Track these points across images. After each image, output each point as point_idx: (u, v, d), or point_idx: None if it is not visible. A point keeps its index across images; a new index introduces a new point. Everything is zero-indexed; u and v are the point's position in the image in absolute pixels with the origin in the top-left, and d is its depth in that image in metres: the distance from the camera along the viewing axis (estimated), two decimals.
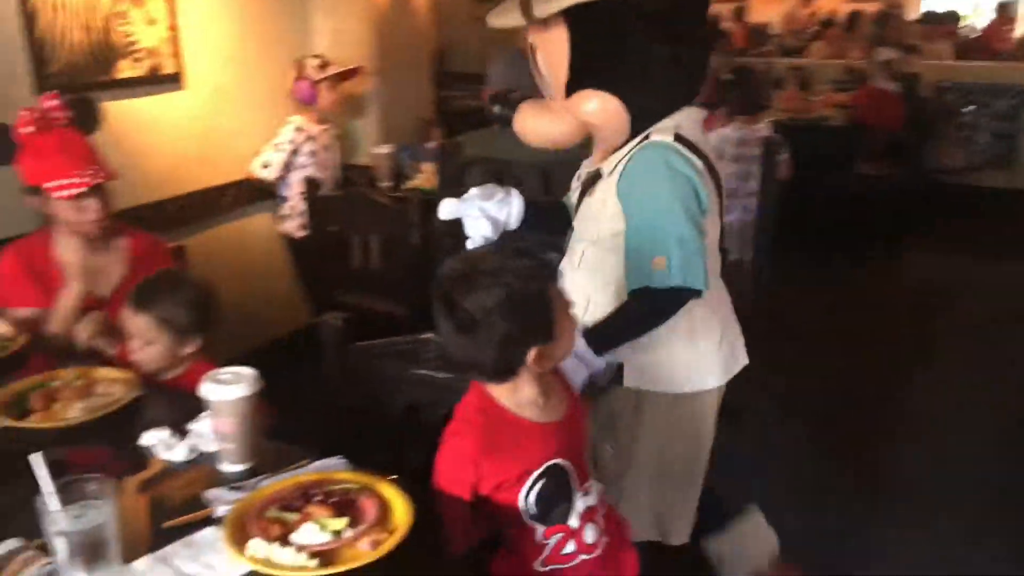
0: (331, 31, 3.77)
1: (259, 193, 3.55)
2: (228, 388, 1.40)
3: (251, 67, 3.47)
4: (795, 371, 3.70)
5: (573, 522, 1.38)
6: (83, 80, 2.76)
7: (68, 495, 1.12)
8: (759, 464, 2.90)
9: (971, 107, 6.76)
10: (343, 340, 1.85)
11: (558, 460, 1.35)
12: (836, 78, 6.91)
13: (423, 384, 1.79)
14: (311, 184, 3.33)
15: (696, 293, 1.69)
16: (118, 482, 1.29)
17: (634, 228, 1.71)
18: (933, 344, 4.15)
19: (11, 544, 1.19)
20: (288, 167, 3.46)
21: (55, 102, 2.03)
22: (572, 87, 1.74)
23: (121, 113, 2.92)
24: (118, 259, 2.18)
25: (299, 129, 3.47)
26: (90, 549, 1.10)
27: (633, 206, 1.72)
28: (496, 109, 2.31)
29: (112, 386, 1.69)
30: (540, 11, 1.66)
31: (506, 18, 1.70)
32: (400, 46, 3.92)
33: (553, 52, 1.73)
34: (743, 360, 1.90)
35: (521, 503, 1.32)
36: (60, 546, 1.10)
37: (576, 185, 1.91)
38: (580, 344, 1.65)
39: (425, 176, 3.66)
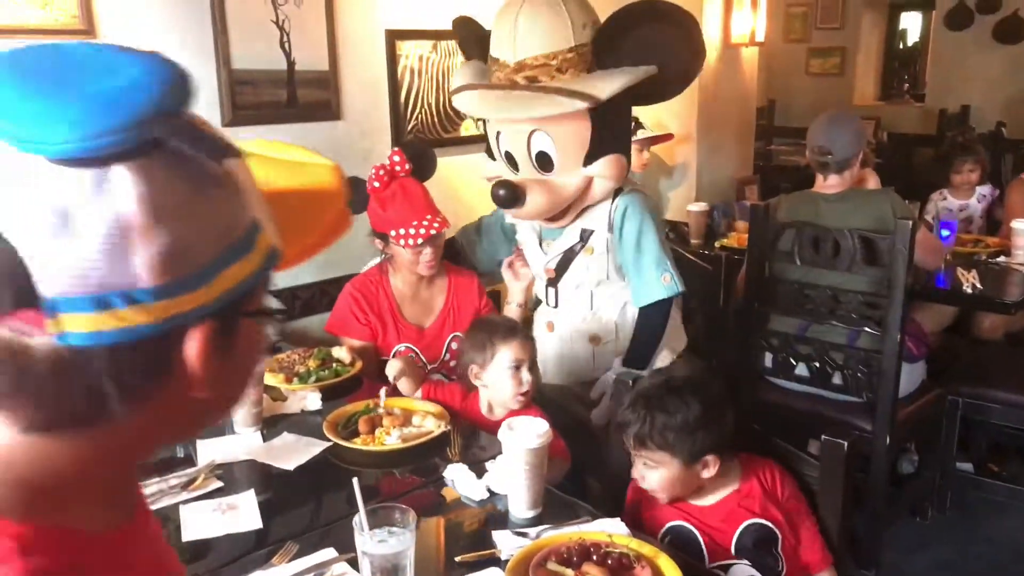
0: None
1: None
2: (521, 437, 1.48)
3: None
4: None
5: None
6: (430, 137, 3.08)
7: (377, 519, 1.25)
8: None
9: None
10: None
11: None
12: None
13: None
14: None
15: (681, 294, 2.35)
16: (420, 511, 1.42)
17: (642, 257, 2.30)
18: None
19: (328, 554, 1.35)
20: None
21: (399, 157, 2.31)
22: (592, 157, 2.20)
23: (458, 166, 3.22)
24: (440, 292, 2.43)
25: None
26: (390, 572, 1.22)
27: (639, 241, 2.29)
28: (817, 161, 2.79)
29: (426, 419, 1.85)
30: (602, 91, 2.09)
31: (534, 109, 2.13)
32: (724, 105, 3.93)
33: (573, 132, 2.18)
34: None
35: None
36: (364, 565, 1.23)
37: (549, 250, 2.39)
38: (618, 367, 2.30)
39: (737, 236, 3.61)
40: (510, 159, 2.28)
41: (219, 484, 1.64)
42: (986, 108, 6.52)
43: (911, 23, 8.75)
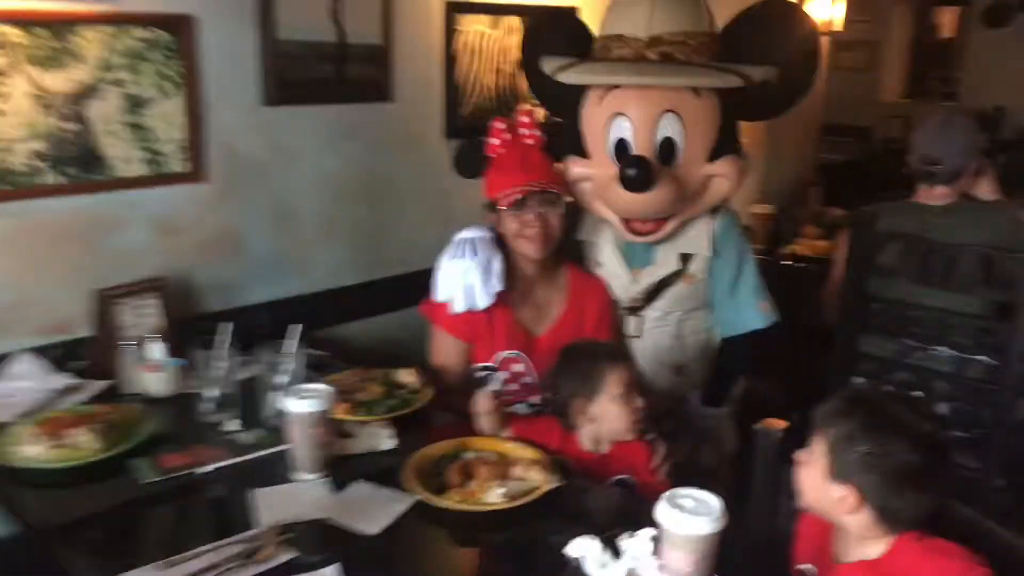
0: None
1: None
2: (692, 520, 1.17)
3: None
4: None
5: None
6: (487, 121, 2.75)
7: None
8: None
9: None
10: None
11: None
12: None
13: None
14: None
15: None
16: None
17: (741, 283, 2.09)
18: None
19: None
20: None
21: (527, 118, 1.98)
22: (717, 153, 1.97)
23: None
24: (560, 295, 2.06)
25: None
26: None
27: (740, 265, 2.09)
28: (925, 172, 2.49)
29: (530, 470, 1.54)
30: (753, 72, 1.89)
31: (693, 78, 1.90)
32: None
33: (705, 119, 1.94)
34: None
35: None
36: None
37: (640, 279, 2.07)
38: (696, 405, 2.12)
39: (808, 242, 3.32)
40: (622, 150, 1.95)
41: (293, 553, 1.33)
42: (1021, 110, 6.28)
43: (944, 18, 8.48)
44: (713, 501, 1.21)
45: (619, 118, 1.94)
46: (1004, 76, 6.54)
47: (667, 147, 1.94)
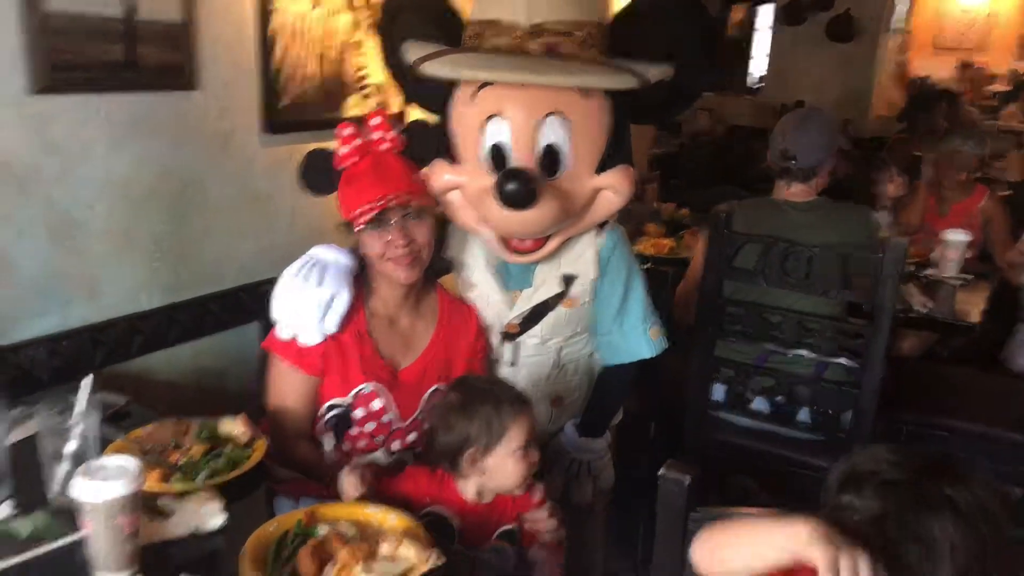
0: None
1: None
2: None
3: None
4: None
5: None
6: (311, 116, 2.42)
7: None
8: None
9: None
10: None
11: None
12: None
13: None
14: None
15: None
16: None
17: (629, 306, 1.88)
18: None
19: None
20: None
21: (380, 119, 1.66)
22: (606, 163, 1.72)
23: None
24: (428, 325, 1.78)
25: None
26: None
27: (628, 287, 1.87)
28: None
29: (401, 545, 1.26)
30: (646, 72, 1.63)
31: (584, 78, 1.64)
32: None
33: (593, 125, 1.68)
34: None
35: None
36: None
37: (517, 304, 1.83)
38: (573, 437, 1.90)
39: (651, 240, 3.21)
40: (498, 157, 1.67)
41: None
42: (819, 104, 6.62)
43: (741, 15, 8.85)
44: None
45: (495, 120, 1.65)
46: (801, 70, 6.88)
47: (550, 155, 1.66)
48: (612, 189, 1.74)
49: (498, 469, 1.49)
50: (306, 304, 1.60)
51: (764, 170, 2.72)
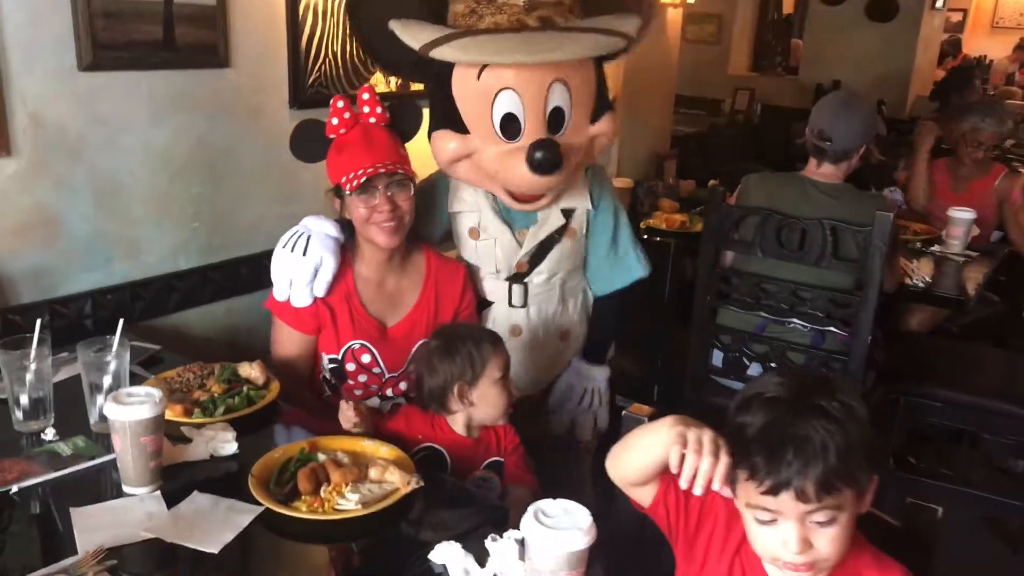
0: None
1: None
2: (558, 537, 1.09)
3: None
4: None
5: None
6: (336, 92, 2.58)
7: None
8: None
9: None
10: None
11: None
12: None
13: None
14: None
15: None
16: None
17: (621, 235, 2.10)
18: None
19: None
20: None
21: (368, 95, 1.84)
22: (596, 113, 1.94)
23: None
24: (414, 285, 1.95)
25: None
26: None
27: (617, 216, 2.10)
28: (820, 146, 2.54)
29: (387, 470, 1.43)
30: (630, 29, 1.87)
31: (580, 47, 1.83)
32: (649, 72, 3.61)
33: (587, 84, 1.89)
34: None
35: None
36: None
37: (526, 240, 2.01)
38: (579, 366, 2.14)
39: (664, 215, 3.33)
40: (509, 124, 1.84)
41: None
42: (857, 85, 6.60)
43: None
44: (581, 515, 1.13)
45: (505, 92, 1.81)
46: (840, 51, 6.85)
47: (556, 116, 1.86)
48: (604, 135, 1.97)
49: (484, 399, 1.68)
50: (295, 272, 1.78)
51: (797, 149, 2.80)
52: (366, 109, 1.82)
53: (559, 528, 1.09)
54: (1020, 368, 2.93)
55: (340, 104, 1.81)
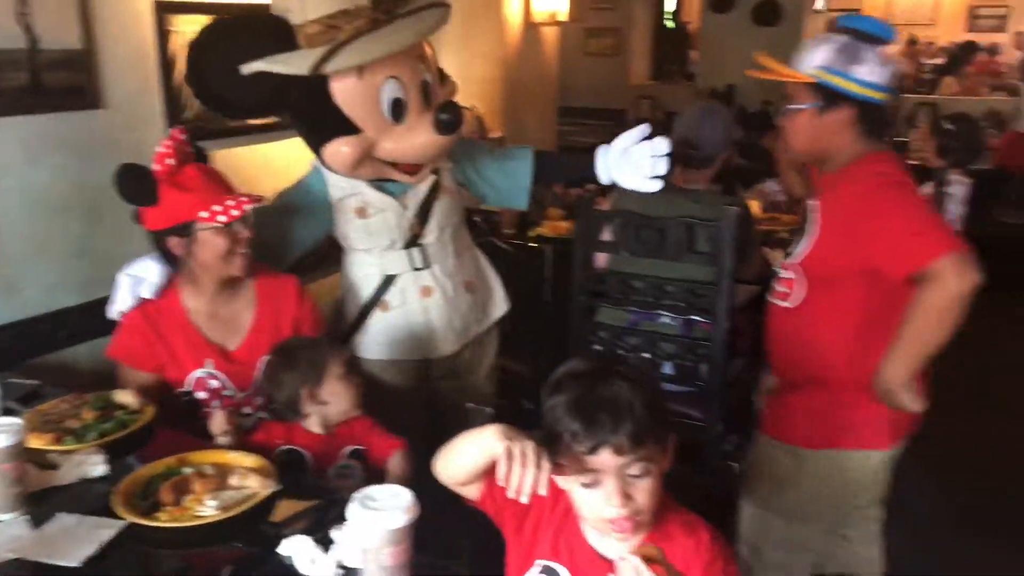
0: (457, 66, 3.64)
1: None
2: (380, 517, 1.20)
3: None
4: (931, 439, 3.36)
5: None
6: (214, 126, 2.68)
7: None
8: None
9: None
10: None
11: None
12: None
13: None
14: None
15: None
16: None
17: (491, 150, 2.43)
18: None
19: None
20: None
21: (184, 136, 1.93)
22: (442, 76, 2.17)
23: (250, 157, 2.84)
24: (247, 305, 2.04)
25: None
26: None
27: (472, 145, 2.42)
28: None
29: (247, 477, 1.53)
30: None
31: None
32: (528, 86, 3.77)
33: (431, 52, 2.09)
34: None
35: None
36: None
37: (410, 202, 2.16)
38: None
39: (551, 224, 3.48)
40: (398, 108, 1.99)
41: None
42: (749, 88, 6.90)
43: (674, 4, 9.12)
44: (404, 496, 1.24)
45: (389, 81, 1.96)
46: (732, 56, 7.14)
47: (426, 89, 2.03)
48: (453, 92, 2.15)
49: (333, 395, 1.82)
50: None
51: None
52: (189, 149, 1.93)
53: (382, 510, 1.21)
54: None
55: (167, 145, 1.88)
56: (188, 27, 2.57)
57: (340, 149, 2.01)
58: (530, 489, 1.19)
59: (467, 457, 1.29)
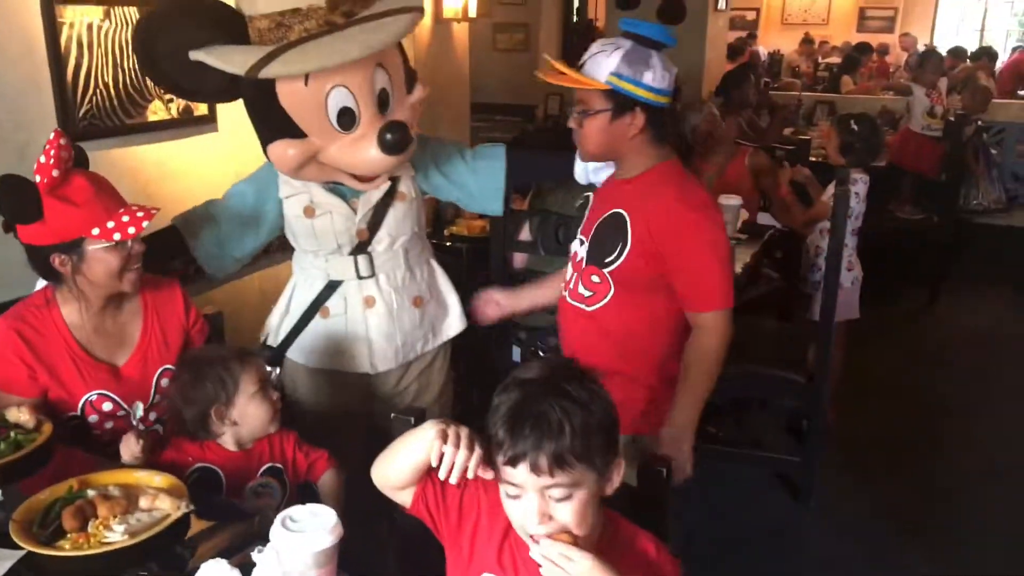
0: None
1: None
2: (305, 540, 1.16)
3: None
4: (854, 438, 3.50)
5: None
6: (111, 123, 2.54)
7: None
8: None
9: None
10: None
11: None
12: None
13: None
14: None
15: None
16: None
17: (461, 149, 2.29)
18: (974, 391, 4.03)
19: None
20: None
21: (65, 141, 1.71)
22: (410, 84, 2.05)
23: (151, 157, 2.70)
24: (134, 317, 1.90)
25: None
26: None
27: (449, 145, 2.30)
28: None
29: (157, 498, 1.45)
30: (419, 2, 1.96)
31: None
32: (440, 83, 3.72)
33: (398, 59, 1.99)
34: None
35: None
36: None
37: (360, 206, 2.07)
38: None
39: (466, 222, 3.45)
40: (346, 117, 1.88)
41: None
42: None
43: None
44: (328, 516, 1.20)
45: (336, 89, 1.84)
46: None
47: (383, 98, 1.93)
48: (420, 101, 2.03)
49: (245, 415, 1.71)
50: None
51: None
52: (64, 155, 1.70)
53: (305, 531, 1.16)
54: (786, 337, 3.24)
55: (49, 157, 1.67)
56: (80, 18, 2.44)
57: (286, 151, 1.91)
58: (460, 471, 1.18)
59: (405, 454, 1.26)
